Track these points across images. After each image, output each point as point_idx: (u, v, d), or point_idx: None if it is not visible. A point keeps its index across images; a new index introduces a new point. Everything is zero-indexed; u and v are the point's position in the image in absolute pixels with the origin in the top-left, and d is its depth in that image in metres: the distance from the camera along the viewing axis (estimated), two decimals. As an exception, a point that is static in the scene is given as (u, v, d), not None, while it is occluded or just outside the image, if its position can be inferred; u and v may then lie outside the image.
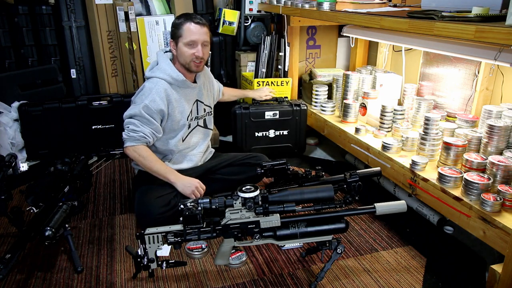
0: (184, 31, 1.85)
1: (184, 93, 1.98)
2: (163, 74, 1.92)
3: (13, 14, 2.84)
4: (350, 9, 2.11)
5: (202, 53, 1.89)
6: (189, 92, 2.01)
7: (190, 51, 1.87)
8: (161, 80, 1.91)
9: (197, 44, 1.87)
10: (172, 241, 1.48)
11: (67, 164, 1.98)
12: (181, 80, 1.93)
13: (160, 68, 1.95)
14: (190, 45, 1.87)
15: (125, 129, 1.88)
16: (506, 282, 1.40)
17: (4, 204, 1.76)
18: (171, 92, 1.93)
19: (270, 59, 2.95)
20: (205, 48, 1.91)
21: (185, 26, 1.85)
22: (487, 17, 1.42)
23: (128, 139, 1.85)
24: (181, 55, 1.90)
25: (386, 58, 2.90)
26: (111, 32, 2.95)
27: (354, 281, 1.60)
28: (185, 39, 1.86)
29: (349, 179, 1.69)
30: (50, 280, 1.60)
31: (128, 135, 1.86)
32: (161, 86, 1.90)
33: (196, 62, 1.90)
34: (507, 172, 1.61)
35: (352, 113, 2.53)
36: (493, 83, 2.14)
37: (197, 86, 2.05)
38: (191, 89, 2.01)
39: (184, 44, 1.87)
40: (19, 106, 2.63)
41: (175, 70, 1.93)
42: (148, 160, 1.86)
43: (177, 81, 1.93)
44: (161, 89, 1.89)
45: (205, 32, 1.89)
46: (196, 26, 1.85)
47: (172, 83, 1.93)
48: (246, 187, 1.48)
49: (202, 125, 2.14)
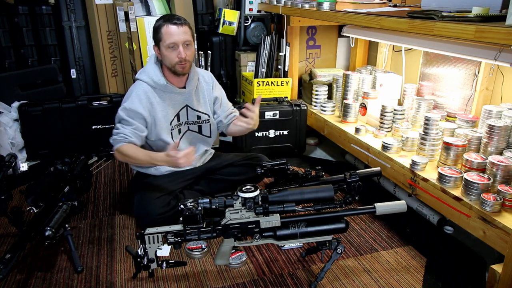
0: (163, 34, 1.80)
1: (168, 97, 1.92)
2: (145, 76, 1.89)
3: (13, 14, 2.84)
4: (350, 9, 2.11)
5: (184, 54, 1.81)
6: (175, 97, 1.94)
7: (173, 53, 1.81)
8: (143, 82, 1.88)
9: (178, 46, 1.80)
10: (172, 241, 1.48)
11: (67, 164, 1.98)
12: (162, 84, 1.88)
13: (145, 70, 1.92)
14: (171, 48, 1.80)
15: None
16: (506, 282, 1.40)
17: (4, 204, 1.76)
18: (153, 95, 1.88)
19: (270, 59, 2.95)
20: (187, 48, 1.84)
21: (163, 29, 1.79)
22: (487, 17, 1.42)
23: (113, 141, 1.83)
24: (165, 59, 1.85)
25: (386, 58, 2.90)
26: (111, 32, 2.94)
27: (354, 281, 1.60)
28: (165, 42, 1.80)
29: (349, 179, 1.69)
30: (50, 280, 1.60)
31: (112, 140, 1.83)
32: (142, 88, 1.87)
33: (180, 64, 1.83)
34: (507, 172, 1.61)
35: (352, 113, 2.53)
36: (493, 83, 2.14)
37: (185, 92, 1.96)
38: (177, 94, 1.94)
39: (166, 47, 1.81)
40: (19, 106, 2.63)
41: (158, 74, 1.88)
42: (132, 156, 1.80)
43: (158, 85, 1.88)
44: (141, 91, 1.86)
45: (184, 32, 1.81)
46: (174, 27, 1.78)
47: (154, 86, 1.88)
48: (246, 187, 1.48)
49: (196, 130, 2.07)
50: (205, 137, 2.11)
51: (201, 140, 2.11)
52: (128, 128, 1.82)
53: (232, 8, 3.12)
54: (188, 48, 1.84)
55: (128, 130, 1.82)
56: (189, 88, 1.97)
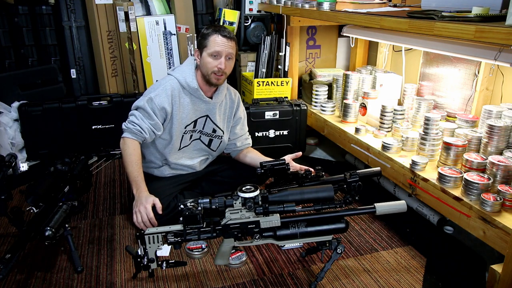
0: (210, 41, 1.83)
1: (193, 102, 1.94)
2: (179, 75, 1.91)
3: (13, 14, 2.84)
4: (350, 9, 2.11)
5: (224, 65, 1.85)
6: (199, 104, 1.96)
7: (213, 62, 1.84)
8: (174, 79, 1.91)
9: (221, 56, 1.84)
10: (172, 241, 1.48)
11: (67, 164, 1.98)
12: (193, 87, 1.90)
13: (180, 69, 1.95)
14: (214, 56, 1.84)
15: (127, 119, 1.88)
16: (506, 282, 1.40)
17: (4, 204, 1.76)
18: (180, 95, 1.90)
19: (270, 59, 2.95)
20: (228, 62, 1.87)
21: (211, 37, 1.83)
22: (487, 17, 1.42)
23: (127, 130, 1.85)
24: (203, 65, 1.87)
25: (386, 58, 2.90)
26: (111, 32, 2.95)
27: (354, 281, 1.60)
28: (209, 49, 1.83)
29: (349, 179, 1.68)
30: (50, 280, 1.60)
31: (126, 126, 1.86)
32: (171, 84, 1.89)
33: (217, 74, 1.86)
34: (507, 172, 1.61)
35: (352, 113, 2.53)
36: (493, 83, 2.14)
37: (211, 103, 1.98)
38: (203, 101, 1.96)
39: (208, 54, 1.84)
40: (19, 106, 2.63)
41: (192, 76, 1.90)
42: (128, 158, 1.83)
43: (189, 87, 1.90)
44: (170, 87, 1.88)
45: (231, 46, 1.85)
46: (223, 39, 1.83)
47: (184, 86, 1.91)
48: (246, 187, 1.48)
49: (206, 143, 2.07)
50: (211, 150, 2.12)
51: (204, 151, 2.11)
52: (147, 123, 1.84)
53: (232, 8, 3.12)
54: (229, 62, 1.88)
55: (146, 125, 1.84)
56: (216, 100, 1.99)
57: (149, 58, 2.99)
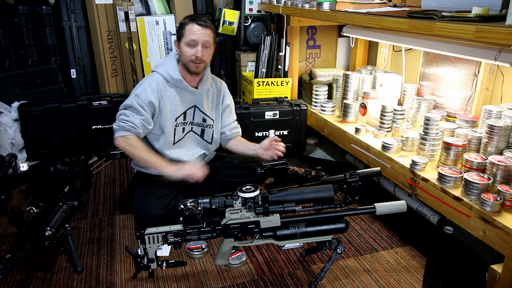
0: (186, 31, 1.86)
1: (179, 93, 1.96)
2: (161, 69, 1.94)
3: (13, 14, 2.83)
4: (350, 9, 2.11)
5: (201, 54, 1.86)
6: (185, 95, 1.98)
7: (190, 51, 1.86)
8: (158, 74, 1.93)
9: (197, 44, 1.86)
10: (172, 241, 1.48)
11: (67, 164, 1.98)
12: (177, 79, 1.92)
13: (162, 63, 1.97)
14: (190, 45, 1.86)
15: (116, 119, 1.88)
16: (506, 282, 1.40)
17: (4, 204, 1.76)
18: (165, 88, 1.92)
19: (270, 59, 2.95)
20: (205, 50, 1.89)
21: (187, 26, 1.86)
22: (487, 17, 1.42)
23: (119, 129, 1.85)
24: (182, 55, 1.90)
25: (386, 58, 2.90)
26: (111, 32, 2.94)
27: (354, 281, 1.60)
28: (186, 38, 1.86)
29: (349, 179, 1.68)
30: (50, 280, 1.60)
31: (118, 125, 1.86)
32: (155, 79, 1.91)
33: (195, 62, 1.88)
34: (507, 172, 1.61)
35: (352, 113, 2.53)
36: (493, 83, 2.14)
37: (197, 92, 2.00)
38: (189, 92, 1.98)
39: (185, 43, 1.86)
40: (19, 106, 2.63)
41: (174, 68, 1.93)
42: (138, 150, 1.83)
43: (172, 79, 1.92)
44: (154, 81, 1.90)
45: (207, 34, 1.87)
46: (198, 27, 1.84)
47: (168, 80, 1.93)
48: (246, 187, 1.48)
49: (199, 133, 2.09)
50: (206, 142, 2.12)
51: (200, 144, 2.11)
52: (137, 118, 1.85)
53: (232, 8, 3.12)
54: (206, 50, 1.89)
55: (137, 120, 1.85)
56: (201, 89, 2.01)
57: (149, 58, 2.99)
